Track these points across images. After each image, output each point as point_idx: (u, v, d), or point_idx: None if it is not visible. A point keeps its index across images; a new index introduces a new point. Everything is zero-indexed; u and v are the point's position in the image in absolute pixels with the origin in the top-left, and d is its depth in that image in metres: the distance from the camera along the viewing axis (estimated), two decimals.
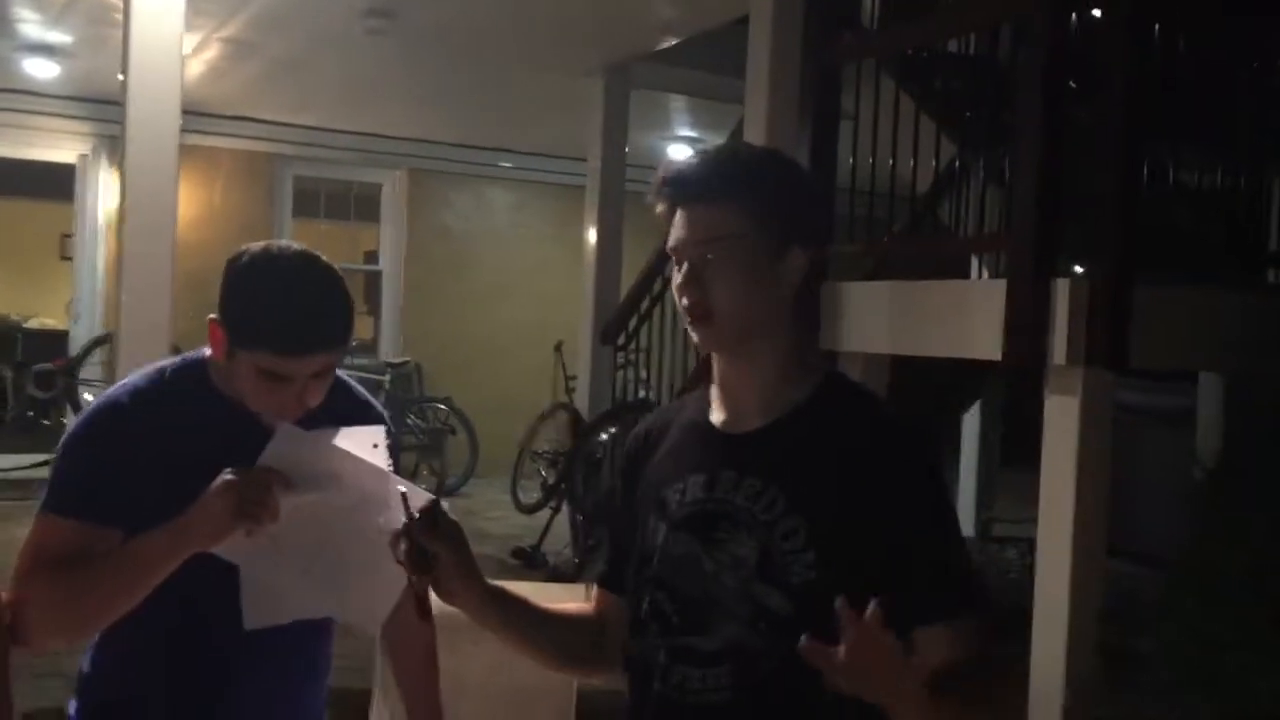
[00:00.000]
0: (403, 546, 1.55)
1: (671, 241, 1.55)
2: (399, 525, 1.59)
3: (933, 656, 1.46)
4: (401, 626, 2.05)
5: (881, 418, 1.58)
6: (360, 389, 2.05)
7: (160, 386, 1.83)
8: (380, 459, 1.76)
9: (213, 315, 1.76)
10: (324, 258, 1.79)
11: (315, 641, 1.94)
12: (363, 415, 1.95)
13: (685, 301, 1.53)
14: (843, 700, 1.38)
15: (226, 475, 1.66)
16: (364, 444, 1.76)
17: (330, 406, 1.82)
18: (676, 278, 1.55)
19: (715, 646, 1.52)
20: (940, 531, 1.52)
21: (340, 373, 1.88)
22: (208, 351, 1.83)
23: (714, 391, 1.63)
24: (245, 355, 1.73)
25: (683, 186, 1.54)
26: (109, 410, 1.81)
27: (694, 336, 1.57)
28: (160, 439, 1.76)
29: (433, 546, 1.55)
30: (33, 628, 1.68)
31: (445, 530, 1.57)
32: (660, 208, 1.57)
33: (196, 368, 1.86)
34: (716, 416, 1.62)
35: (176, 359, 1.90)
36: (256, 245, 1.78)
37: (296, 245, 1.80)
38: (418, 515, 1.56)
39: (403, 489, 1.62)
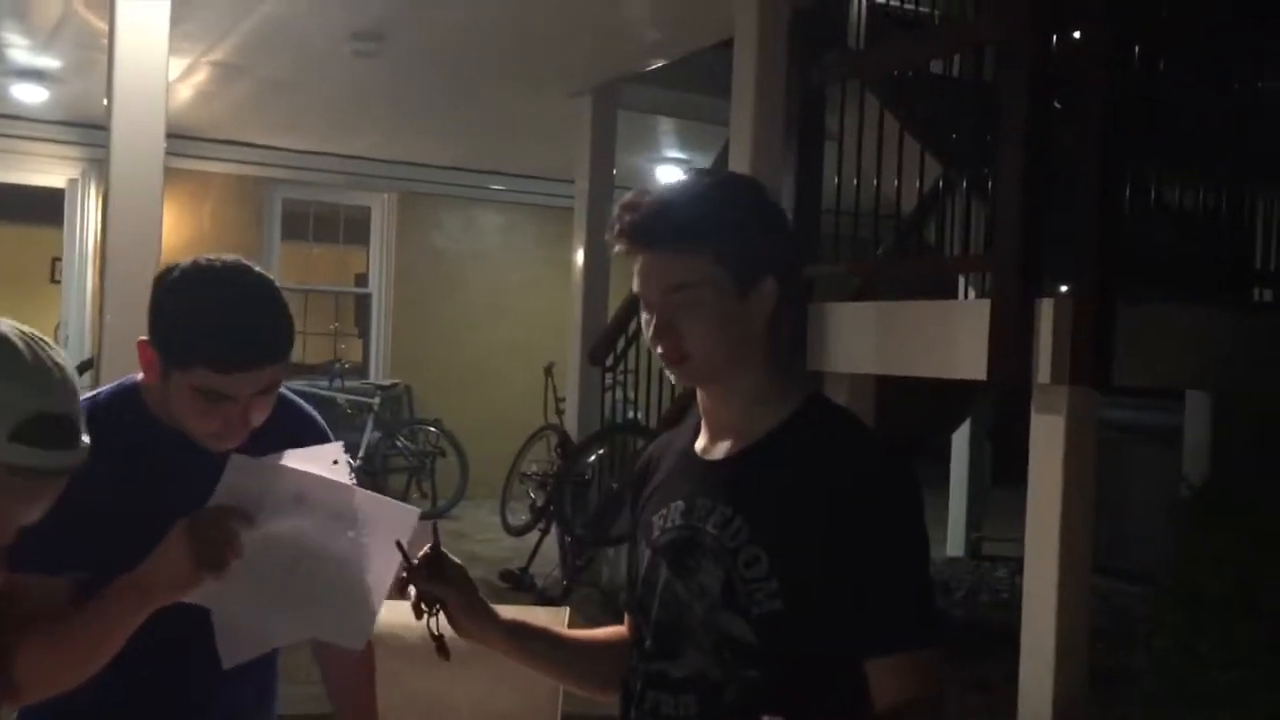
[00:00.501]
0: (410, 592, 1.54)
1: (637, 287, 1.52)
2: (371, 538, 1.58)
3: (885, 690, 1.45)
4: (336, 653, 2.01)
5: (857, 442, 1.55)
6: (303, 403, 1.93)
7: (94, 415, 1.68)
8: (342, 475, 1.68)
9: (142, 337, 1.66)
10: (258, 267, 1.71)
11: (266, 663, 1.88)
12: (309, 432, 1.86)
13: (659, 349, 1.52)
14: None
15: (181, 524, 1.54)
16: (323, 462, 1.68)
17: (274, 425, 1.72)
18: (646, 320, 1.53)
19: (683, 674, 1.52)
20: (902, 561, 1.48)
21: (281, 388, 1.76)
22: (139, 376, 1.73)
23: (702, 417, 1.63)
24: (181, 376, 1.62)
25: (644, 234, 1.49)
26: None
27: (671, 376, 1.57)
28: (97, 471, 1.62)
29: (437, 591, 1.55)
30: None
31: (448, 573, 1.57)
32: (618, 249, 1.52)
33: (130, 394, 1.75)
34: (700, 443, 1.61)
35: (108, 388, 1.79)
36: (186, 260, 1.69)
37: (228, 256, 1.71)
38: (417, 562, 1.55)
39: (397, 532, 1.59)
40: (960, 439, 8.17)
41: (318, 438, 1.87)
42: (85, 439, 1.26)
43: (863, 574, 1.45)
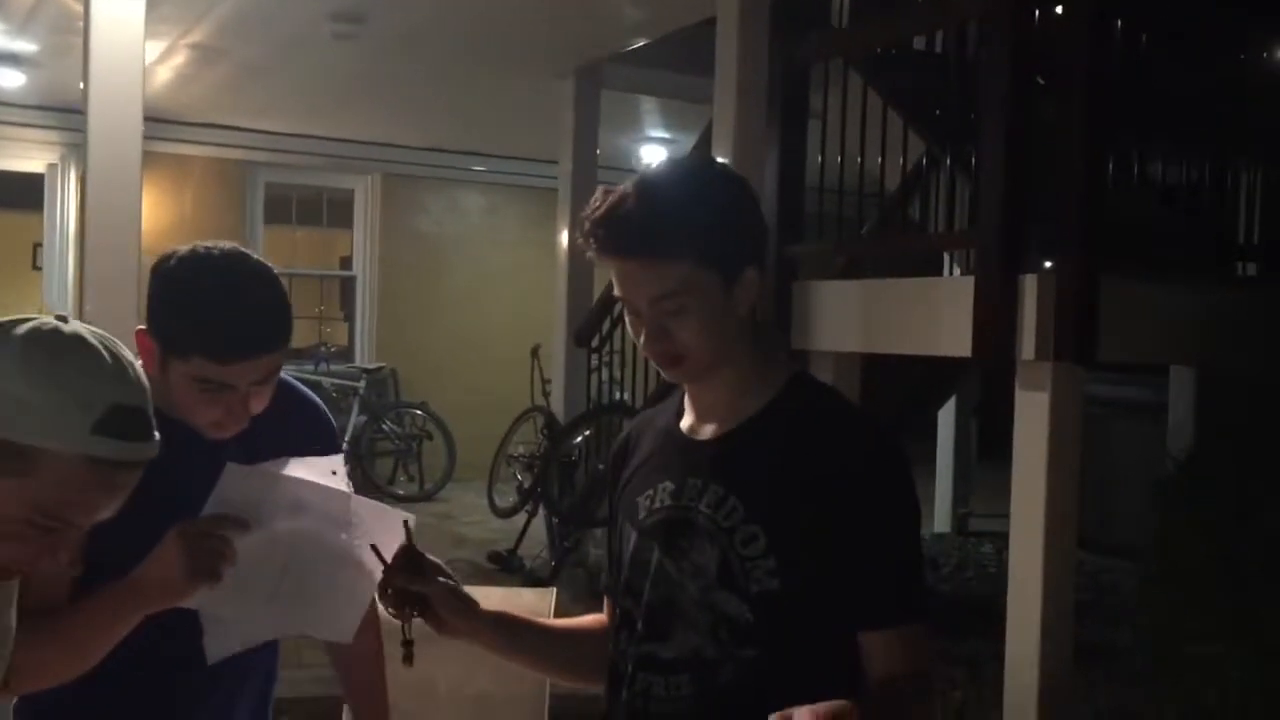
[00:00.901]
0: (388, 594, 1.53)
1: (620, 292, 1.50)
2: (363, 539, 1.57)
3: (876, 663, 1.46)
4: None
5: (846, 420, 1.56)
6: (303, 388, 1.92)
7: None
8: (340, 484, 1.67)
9: (140, 326, 1.65)
10: (255, 255, 1.70)
11: (266, 652, 1.88)
12: (309, 416, 1.87)
13: (653, 353, 1.51)
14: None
15: (174, 532, 1.53)
16: (321, 471, 1.67)
17: (274, 410, 1.72)
18: (632, 323, 1.52)
19: (676, 654, 1.52)
20: (895, 536, 1.49)
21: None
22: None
23: (687, 395, 1.62)
24: (179, 365, 1.61)
25: (622, 244, 1.47)
26: None
27: (664, 374, 1.56)
28: None
29: (418, 587, 1.54)
30: None
31: (426, 570, 1.56)
32: (590, 254, 1.50)
33: None
34: (686, 422, 1.61)
35: None
36: (183, 248, 1.67)
37: (226, 244, 1.69)
38: (393, 561, 1.54)
39: (390, 535, 1.59)
40: (946, 416, 8.18)
41: (317, 421, 1.89)
42: (157, 434, 1.29)
43: (856, 549, 1.45)
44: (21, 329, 1.21)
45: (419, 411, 9.40)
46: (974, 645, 4.70)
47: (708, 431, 1.57)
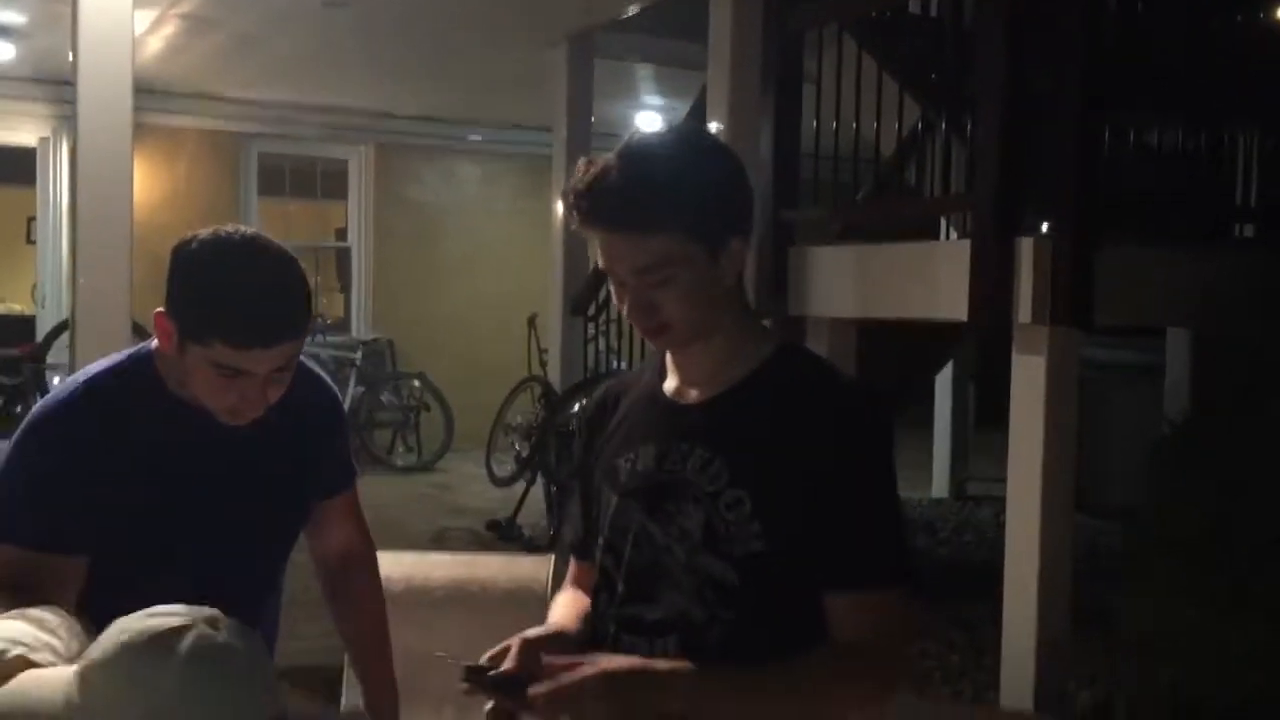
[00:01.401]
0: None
1: (604, 263, 1.50)
2: None
3: (844, 627, 1.46)
4: (351, 598, 2.04)
5: (832, 384, 1.56)
6: (318, 371, 1.94)
7: (110, 384, 1.72)
8: None
9: (159, 309, 1.65)
10: (276, 242, 1.69)
11: (266, 626, 1.89)
12: (323, 401, 1.89)
13: (638, 324, 1.51)
14: None
15: None
16: None
17: (287, 394, 1.71)
18: (617, 293, 1.51)
19: (663, 616, 1.52)
20: (873, 499, 1.50)
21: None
22: (154, 344, 1.72)
23: (668, 360, 1.61)
24: (198, 350, 1.61)
25: (608, 217, 1.46)
26: (59, 410, 1.71)
27: (649, 343, 1.56)
28: (110, 442, 1.66)
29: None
30: None
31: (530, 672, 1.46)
32: (575, 226, 1.50)
33: (144, 363, 1.74)
34: (670, 385, 1.60)
35: (125, 355, 1.78)
36: (204, 231, 1.66)
37: (247, 229, 1.69)
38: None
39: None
40: (944, 381, 8.19)
41: (330, 410, 1.92)
42: None
43: (831, 511, 1.46)
44: (185, 645, 1.18)
45: (416, 382, 9.40)
46: (972, 609, 4.72)
47: (693, 396, 1.57)
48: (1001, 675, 3.91)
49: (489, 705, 1.45)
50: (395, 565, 2.43)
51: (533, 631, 1.53)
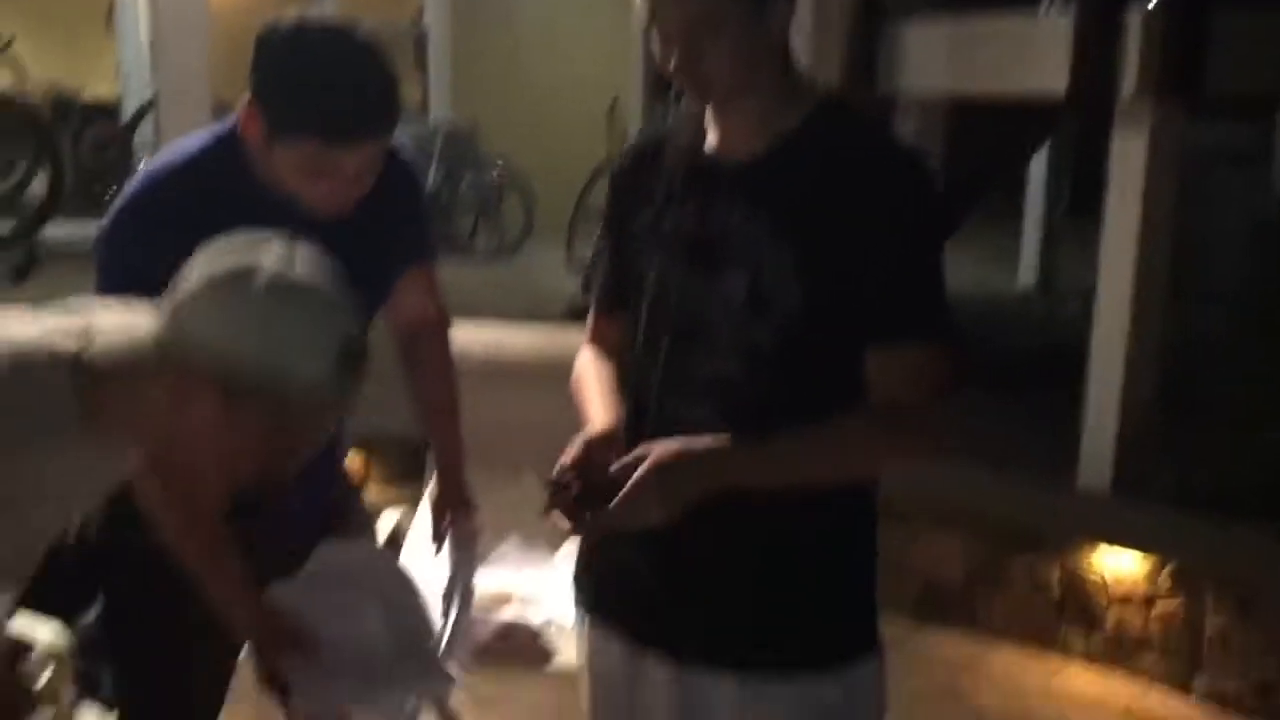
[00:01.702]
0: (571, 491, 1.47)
1: (651, 15, 1.46)
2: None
3: (877, 387, 1.47)
4: (423, 362, 2.07)
5: (876, 143, 1.55)
6: (402, 151, 1.90)
7: (195, 170, 1.71)
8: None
9: (247, 95, 1.62)
10: (363, 28, 1.64)
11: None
12: (407, 188, 1.89)
13: (682, 79, 1.48)
14: None
15: (250, 641, 1.73)
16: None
17: (379, 181, 1.71)
18: (663, 51, 1.47)
19: (702, 376, 1.52)
20: (914, 256, 1.48)
21: None
22: (231, 123, 1.69)
23: (709, 117, 1.57)
24: (287, 143, 1.60)
25: None
26: (147, 190, 1.71)
27: (691, 99, 1.54)
28: (196, 225, 1.59)
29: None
30: None
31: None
32: None
33: (228, 146, 1.71)
34: (711, 142, 1.56)
35: (209, 135, 1.76)
36: (289, 18, 1.61)
37: (332, 17, 1.65)
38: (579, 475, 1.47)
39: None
40: (1037, 169, 7.91)
41: (414, 197, 1.94)
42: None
43: (876, 268, 1.45)
44: (259, 281, 1.26)
45: (498, 167, 9.34)
46: (1053, 397, 4.68)
47: (735, 153, 1.53)
48: (1080, 456, 3.90)
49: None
50: (476, 336, 2.45)
51: (592, 430, 1.55)
